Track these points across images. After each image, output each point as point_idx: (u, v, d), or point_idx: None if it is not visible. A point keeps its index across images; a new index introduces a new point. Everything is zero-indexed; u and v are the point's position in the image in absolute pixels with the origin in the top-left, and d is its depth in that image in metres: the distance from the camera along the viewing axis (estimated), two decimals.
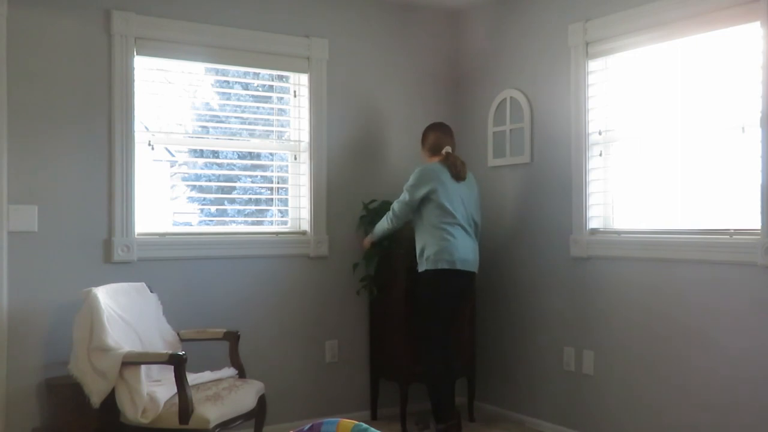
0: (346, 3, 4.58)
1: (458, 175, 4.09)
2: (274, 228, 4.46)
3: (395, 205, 4.12)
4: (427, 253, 4.00)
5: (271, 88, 4.52)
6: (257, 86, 4.49)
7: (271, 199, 4.56)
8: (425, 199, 4.02)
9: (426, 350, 4.07)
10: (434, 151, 4.22)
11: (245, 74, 4.46)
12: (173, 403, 3.14)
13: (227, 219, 4.41)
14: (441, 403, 4.02)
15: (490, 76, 4.73)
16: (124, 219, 3.86)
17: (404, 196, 4.08)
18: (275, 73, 4.45)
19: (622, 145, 3.97)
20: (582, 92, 4.07)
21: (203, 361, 3.64)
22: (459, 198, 4.06)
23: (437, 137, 4.23)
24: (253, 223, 4.44)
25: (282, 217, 4.52)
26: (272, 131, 4.53)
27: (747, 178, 3.37)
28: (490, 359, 4.66)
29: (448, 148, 4.19)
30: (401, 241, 4.29)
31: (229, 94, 4.51)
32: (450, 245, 3.96)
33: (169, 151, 4.35)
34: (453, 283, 4.01)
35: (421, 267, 4.04)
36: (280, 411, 4.14)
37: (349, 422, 1.94)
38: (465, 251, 4.01)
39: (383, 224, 4.19)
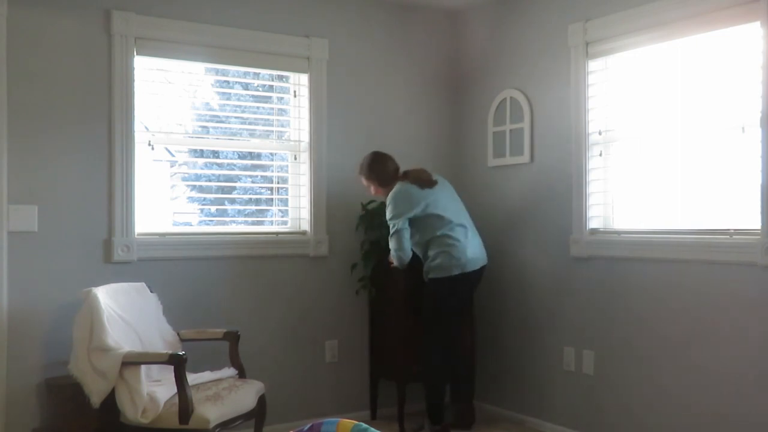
0: (346, 3, 4.58)
1: (428, 183, 4.05)
2: (274, 228, 4.46)
3: (391, 243, 4.00)
4: (436, 261, 3.97)
5: (271, 88, 4.52)
6: (257, 86, 4.49)
7: (271, 199, 4.56)
8: (413, 218, 3.98)
9: (431, 353, 4.07)
10: (388, 180, 4.12)
11: (245, 74, 4.46)
12: (173, 403, 3.14)
13: (227, 219, 4.41)
14: (438, 405, 4.04)
15: (490, 76, 4.73)
16: (124, 219, 3.86)
17: (392, 228, 3.97)
18: (275, 73, 4.45)
19: (622, 145, 3.97)
20: (582, 92, 4.07)
21: (203, 361, 3.65)
22: (443, 201, 4.04)
23: (382, 165, 4.14)
24: (253, 223, 4.44)
25: (282, 217, 4.52)
26: (272, 131, 4.53)
27: (747, 178, 3.37)
28: (490, 359, 4.66)
29: (398, 169, 4.15)
30: None
31: (229, 94, 4.51)
32: (457, 250, 3.95)
33: (169, 151, 4.35)
34: (465, 285, 4.04)
35: (431, 275, 4.01)
36: (280, 411, 4.13)
37: (349, 422, 1.95)
38: (472, 251, 4.02)
39: (396, 262, 4.03)
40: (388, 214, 4.02)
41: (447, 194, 4.14)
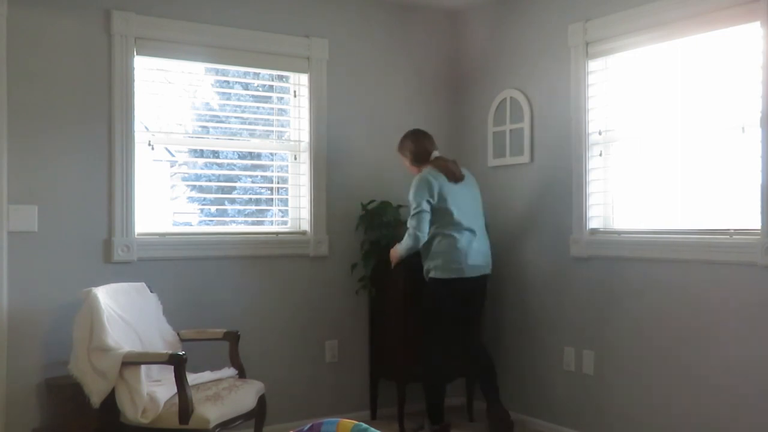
0: (346, 3, 4.58)
1: (454, 177, 4.02)
2: (274, 228, 4.46)
3: (410, 222, 3.95)
4: (435, 261, 3.96)
5: (271, 88, 4.52)
6: (257, 86, 4.49)
7: (271, 199, 4.56)
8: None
9: (430, 353, 4.07)
10: (420, 159, 4.10)
11: (245, 74, 4.46)
12: (173, 403, 3.14)
13: (227, 219, 4.42)
14: (437, 405, 4.04)
15: (490, 76, 4.73)
16: (124, 219, 3.86)
17: (414, 209, 3.92)
18: (275, 73, 4.45)
19: (622, 145, 3.97)
20: (582, 92, 4.07)
21: (203, 361, 3.64)
22: (462, 200, 4.00)
23: (416, 144, 4.11)
24: (253, 223, 4.44)
25: (282, 217, 4.52)
26: (272, 131, 4.53)
27: (747, 178, 3.37)
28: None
29: (435, 153, 4.12)
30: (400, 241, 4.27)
31: (229, 94, 4.51)
32: (458, 254, 3.92)
33: (169, 151, 4.35)
34: (462, 290, 3.99)
35: (431, 275, 4.00)
36: (280, 411, 4.13)
37: (349, 422, 1.94)
38: (474, 257, 3.97)
39: (407, 242, 3.96)
40: (410, 195, 3.97)
41: (468, 193, 4.07)
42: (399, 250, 4.06)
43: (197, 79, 4.43)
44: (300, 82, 4.46)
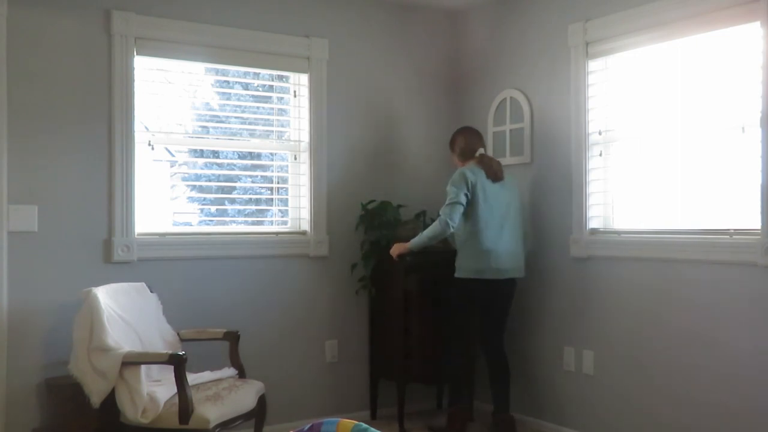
0: (346, 3, 4.58)
1: (495, 176, 3.99)
2: (274, 228, 4.45)
3: (443, 210, 3.89)
4: (460, 261, 3.97)
5: (271, 88, 4.52)
6: (257, 86, 4.49)
7: (271, 199, 4.56)
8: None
9: (444, 352, 4.12)
10: (466, 155, 4.12)
11: (245, 74, 4.46)
12: (173, 403, 3.14)
13: (227, 219, 4.41)
14: (456, 392, 4.09)
15: (490, 76, 4.73)
16: (124, 219, 3.86)
17: (450, 198, 3.88)
18: (275, 73, 4.45)
19: (622, 145, 3.97)
20: (582, 92, 4.07)
21: (203, 361, 3.64)
22: (495, 200, 3.96)
23: (466, 140, 4.14)
24: (253, 223, 4.44)
25: (282, 217, 4.52)
26: (272, 131, 4.53)
27: (747, 178, 3.37)
28: None
29: (481, 150, 4.12)
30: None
31: (229, 94, 4.51)
32: (481, 255, 3.90)
33: (169, 151, 4.35)
34: (484, 291, 3.96)
35: (455, 273, 4.00)
36: (280, 411, 4.13)
37: (349, 422, 1.94)
38: (499, 260, 3.93)
39: (434, 228, 3.90)
40: (448, 186, 3.94)
41: (504, 194, 4.02)
42: (417, 240, 4.00)
43: (197, 79, 4.43)
44: (300, 82, 4.46)
